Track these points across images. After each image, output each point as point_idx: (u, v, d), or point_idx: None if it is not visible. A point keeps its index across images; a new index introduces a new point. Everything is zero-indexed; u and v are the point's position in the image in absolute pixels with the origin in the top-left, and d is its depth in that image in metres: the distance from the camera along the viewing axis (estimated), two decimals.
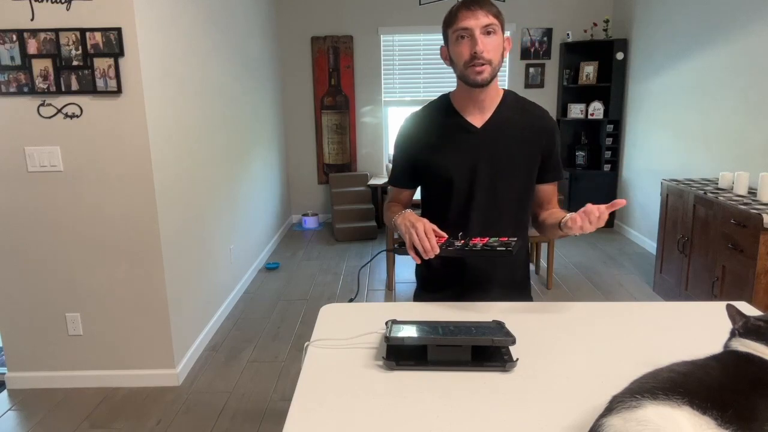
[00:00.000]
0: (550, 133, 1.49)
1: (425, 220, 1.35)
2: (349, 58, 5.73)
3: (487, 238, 1.36)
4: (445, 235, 1.36)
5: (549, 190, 1.55)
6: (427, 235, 1.30)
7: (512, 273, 1.57)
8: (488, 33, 1.34)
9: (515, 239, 1.34)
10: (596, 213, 1.24)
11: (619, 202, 1.25)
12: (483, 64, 1.35)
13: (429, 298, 1.52)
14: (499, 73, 1.41)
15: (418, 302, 1.42)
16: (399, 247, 1.40)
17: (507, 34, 1.41)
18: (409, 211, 1.44)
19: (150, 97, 2.50)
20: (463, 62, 1.37)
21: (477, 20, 1.33)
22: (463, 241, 1.35)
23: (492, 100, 1.46)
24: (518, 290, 1.58)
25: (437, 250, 1.30)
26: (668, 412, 0.71)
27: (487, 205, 1.47)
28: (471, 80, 1.38)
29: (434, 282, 1.57)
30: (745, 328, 0.85)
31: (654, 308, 1.39)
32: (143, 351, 2.72)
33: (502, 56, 1.40)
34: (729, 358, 0.83)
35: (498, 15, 1.36)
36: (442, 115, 1.50)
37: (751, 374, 0.77)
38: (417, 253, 1.32)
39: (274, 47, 5.47)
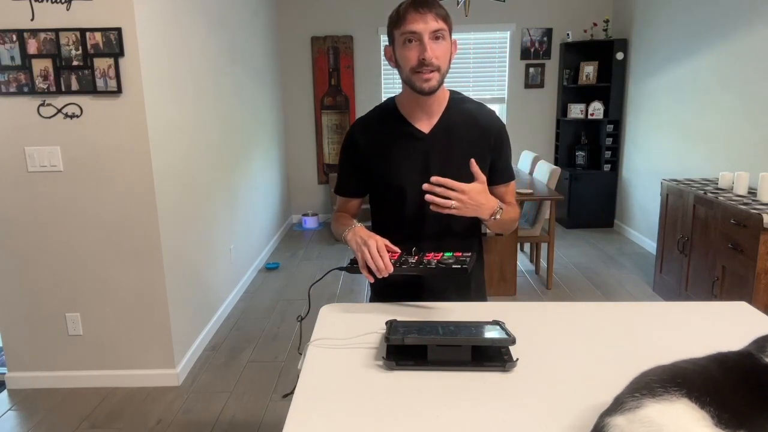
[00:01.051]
0: (498, 132, 1.46)
1: (377, 237, 1.32)
2: (349, 58, 5.73)
3: (441, 254, 1.34)
4: (398, 250, 1.34)
5: (500, 193, 1.49)
6: (380, 253, 1.28)
7: (467, 280, 1.54)
8: (437, 38, 1.31)
9: (469, 254, 1.32)
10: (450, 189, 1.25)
11: (472, 163, 1.29)
12: (431, 71, 1.31)
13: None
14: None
15: (418, 303, 1.41)
16: (352, 265, 1.36)
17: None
18: (359, 226, 1.40)
19: (150, 97, 2.50)
20: (410, 68, 1.33)
21: (426, 24, 1.29)
22: (417, 257, 1.33)
23: (439, 104, 1.44)
24: (474, 294, 1.56)
25: (391, 269, 1.28)
26: (668, 408, 0.71)
27: (438, 212, 1.43)
28: (418, 87, 1.34)
29: (388, 290, 1.52)
30: None
31: (654, 308, 1.39)
32: (143, 351, 2.72)
33: (450, 61, 1.37)
34: (738, 361, 0.80)
35: (446, 18, 1.33)
36: (388, 122, 1.46)
37: (757, 380, 0.76)
38: (370, 271, 1.30)
39: (274, 47, 5.47)
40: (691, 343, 1.18)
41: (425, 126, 1.44)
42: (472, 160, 1.30)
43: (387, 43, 1.42)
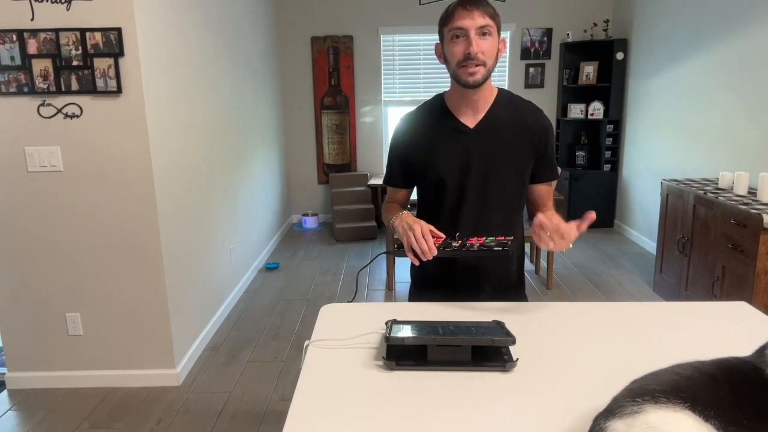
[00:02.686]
0: (543, 132, 1.48)
1: (422, 222, 1.35)
2: (349, 58, 5.73)
3: (484, 238, 1.36)
4: (443, 236, 1.37)
5: (543, 191, 1.54)
6: (424, 237, 1.31)
7: (506, 273, 1.57)
8: (483, 34, 1.34)
9: (511, 238, 1.35)
10: (561, 233, 1.27)
11: (589, 217, 1.27)
12: (476, 65, 1.34)
13: (423, 298, 1.53)
14: (494, 73, 1.40)
15: (417, 302, 1.42)
16: (398, 249, 1.40)
17: (506, 34, 1.41)
18: (406, 212, 1.44)
19: (150, 97, 2.50)
20: (456, 62, 1.36)
21: (473, 20, 1.32)
22: (460, 242, 1.35)
23: (486, 100, 1.46)
24: (513, 290, 1.58)
25: (435, 252, 1.30)
26: (670, 416, 0.70)
27: (479, 205, 1.47)
28: (463, 81, 1.37)
29: (428, 281, 1.58)
30: None
31: (654, 308, 1.39)
32: (143, 351, 2.72)
33: (497, 58, 1.40)
34: (744, 372, 0.76)
35: (494, 16, 1.35)
36: (435, 116, 1.50)
37: (763, 395, 0.74)
38: (416, 255, 1.32)
39: (274, 47, 5.47)
40: (691, 343, 1.18)
41: (471, 121, 1.46)
42: (593, 215, 1.30)
43: (438, 41, 1.45)
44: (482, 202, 1.47)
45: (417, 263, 1.35)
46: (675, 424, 0.69)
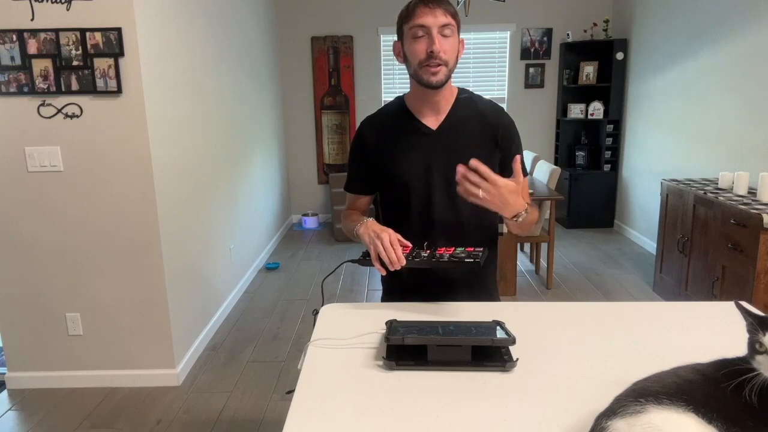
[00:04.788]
0: (506, 129, 1.46)
1: (390, 230, 1.33)
2: (349, 58, 5.73)
3: (453, 248, 1.34)
4: (410, 245, 1.34)
5: None
6: (393, 246, 1.28)
7: (479, 277, 1.54)
8: (445, 33, 1.32)
9: (481, 249, 1.32)
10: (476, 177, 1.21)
11: (516, 161, 1.26)
12: (439, 65, 1.32)
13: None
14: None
15: (417, 303, 1.41)
16: (364, 258, 1.36)
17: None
18: (371, 220, 1.41)
19: (150, 97, 2.50)
20: (418, 61, 1.34)
21: (435, 18, 1.30)
22: (429, 251, 1.33)
23: (447, 100, 1.44)
24: (486, 293, 1.56)
25: (404, 262, 1.28)
26: (673, 417, 0.70)
27: (447, 208, 1.44)
28: (425, 81, 1.35)
29: (400, 288, 1.53)
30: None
31: (654, 308, 1.39)
32: (143, 351, 2.72)
33: (457, 58, 1.38)
34: (742, 373, 0.76)
35: (455, 15, 1.34)
36: (397, 119, 1.47)
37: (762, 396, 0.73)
38: (383, 264, 1.30)
39: (274, 47, 5.47)
40: (691, 343, 1.18)
41: (433, 122, 1.44)
42: (517, 157, 1.29)
43: (396, 39, 1.42)
44: (450, 205, 1.44)
45: (384, 273, 1.32)
46: (678, 425, 0.69)
